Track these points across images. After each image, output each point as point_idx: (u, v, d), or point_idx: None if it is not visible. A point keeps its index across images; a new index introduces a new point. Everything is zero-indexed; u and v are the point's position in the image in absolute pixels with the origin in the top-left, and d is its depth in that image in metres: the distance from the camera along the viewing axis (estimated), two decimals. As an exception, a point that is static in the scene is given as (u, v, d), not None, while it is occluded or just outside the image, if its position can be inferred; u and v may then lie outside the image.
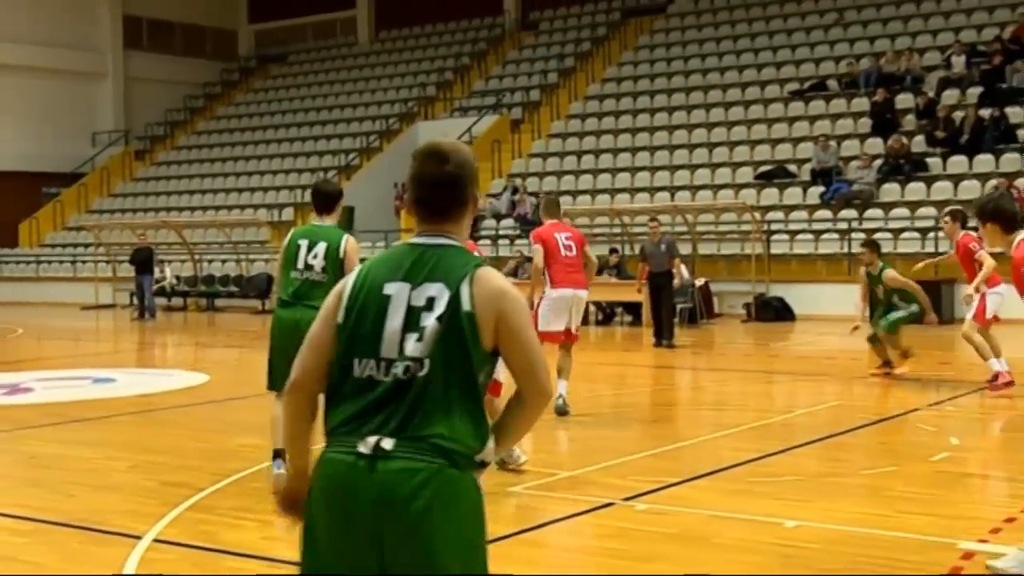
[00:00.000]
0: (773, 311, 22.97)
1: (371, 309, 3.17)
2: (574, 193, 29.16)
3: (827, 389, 13.06)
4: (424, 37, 41.50)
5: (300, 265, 7.64)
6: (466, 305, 3.11)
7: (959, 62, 27.43)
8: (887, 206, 24.75)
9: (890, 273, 13.56)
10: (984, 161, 24.61)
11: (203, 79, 44.43)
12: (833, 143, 26.64)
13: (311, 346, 3.26)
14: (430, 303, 3.13)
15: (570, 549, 6.56)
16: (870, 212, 24.72)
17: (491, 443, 3.17)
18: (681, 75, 32.44)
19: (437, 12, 41.25)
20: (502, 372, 4.66)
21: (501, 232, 28.50)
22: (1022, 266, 5.96)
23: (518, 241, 26.45)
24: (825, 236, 24.42)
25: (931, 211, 23.50)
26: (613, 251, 24.70)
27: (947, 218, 12.89)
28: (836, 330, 16.90)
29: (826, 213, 25.05)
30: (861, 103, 27.89)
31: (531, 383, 3.22)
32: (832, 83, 29.38)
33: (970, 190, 23.99)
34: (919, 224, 23.68)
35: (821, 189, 25.70)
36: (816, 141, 26.61)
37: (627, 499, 7.47)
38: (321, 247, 7.61)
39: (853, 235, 24.02)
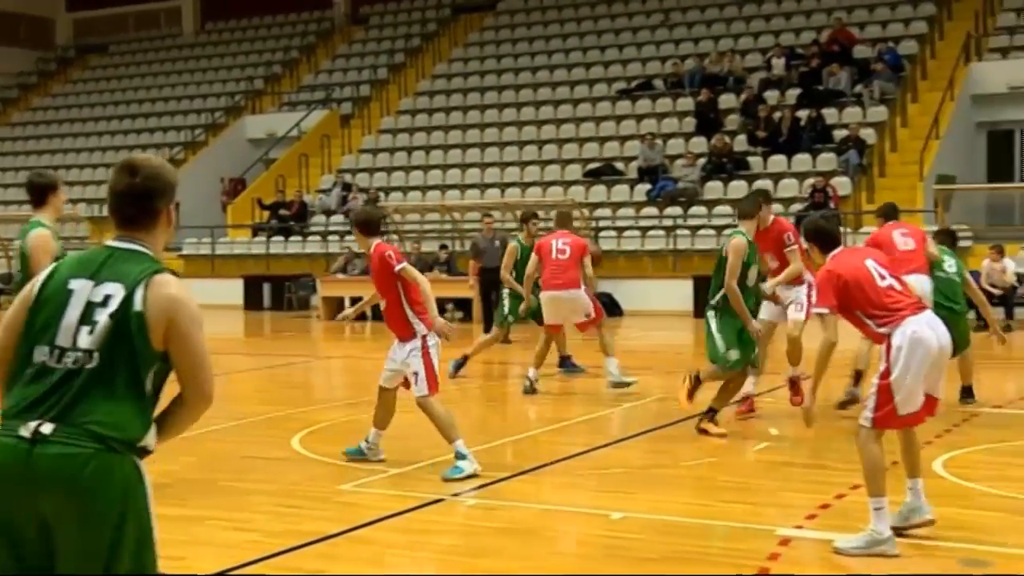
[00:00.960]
0: (602, 307, 23.27)
1: (53, 300, 3.43)
2: (404, 189, 29.13)
3: (654, 383, 13.35)
4: (252, 29, 40.83)
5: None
6: (138, 306, 3.37)
7: (779, 64, 28.37)
8: (711, 203, 25.44)
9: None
10: (802, 160, 25.52)
11: (17, 68, 42.80)
12: (659, 142, 27.23)
13: (4, 326, 3.51)
14: (106, 300, 3.39)
15: (400, 546, 6.57)
16: (694, 209, 25.37)
17: (153, 431, 3.42)
18: (511, 72, 32.69)
19: (265, 4, 40.64)
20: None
21: (331, 228, 28.27)
22: (819, 285, 6.39)
23: (347, 237, 26.28)
24: (651, 233, 24.97)
25: (752, 209, 24.26)
26: (443, 247, 24.75)
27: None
28: (663, 325, 17.29)
29: (652, 210, 25.60)
30: (686, 103, 28.58)
31: (193, 387, 3.47)
32: (658, 83, 30.03)
33: (790, 188, 24.90)
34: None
35: (648, 187, 26.25)
36: (643, 139, 27.16)
37: (456, 495, 7.52)
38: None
39: (678, 232, 24.66)
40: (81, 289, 3.41)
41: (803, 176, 24.97)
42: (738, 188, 25.42)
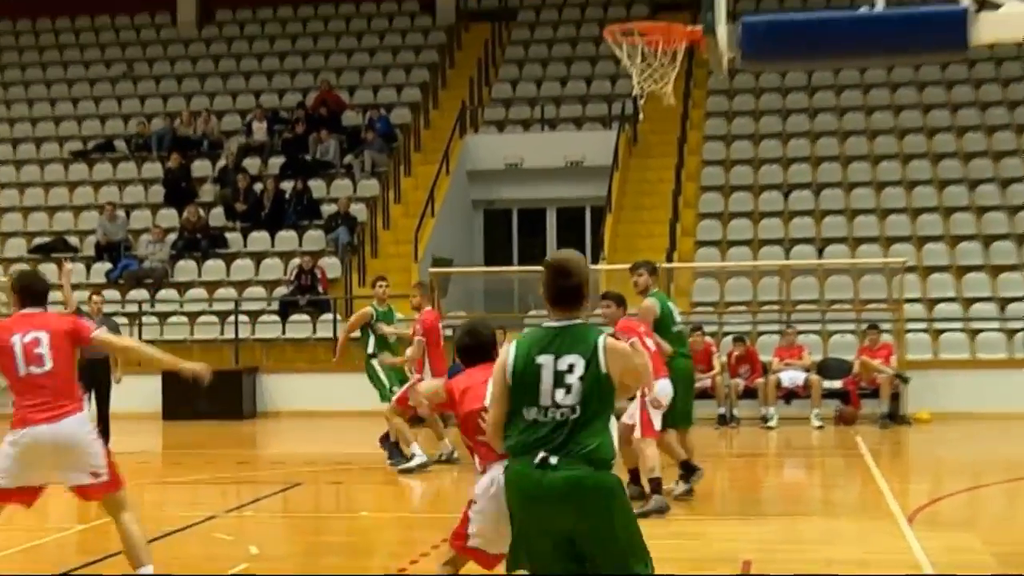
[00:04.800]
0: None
1: (529, 374, 5.40)
2: None
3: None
4: None
5: None
6: (603, 367, 5.38)
7: (260, 128, 28.68)
8: (182, 286, 25.16)
9: None
10: (287, 238, 25.86)
11: None
12: (121, 213, 26.66)
13: (494, 399, 5.62)
14: (571, 368, 5.36)
15: None
16: (164, 293, 24.99)
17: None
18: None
19: None
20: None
21: None
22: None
23: None
24: (116, 319, 24.19)
25: (231, 292, 24.26)
26: None
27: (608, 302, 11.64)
28: (125, 429, 16.77)
29: (114, 293, 24.87)
30: (153, 168, 28.22)
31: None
32: (120, 144, 29.45)
33: (273, 269, 25.14)
34: (218, 307, 24.28)
35: (108, 266, 25.52)
36: (102, 210, 26.47)
37: None
38: None
39: (144, 319, 24.12)
40: (547, 363, 5.38)
41: (288, 256, 25.29)
42: (214, 268, 25.35)
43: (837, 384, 20.05)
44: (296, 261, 24.61)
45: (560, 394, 5.31)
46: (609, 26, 11.83)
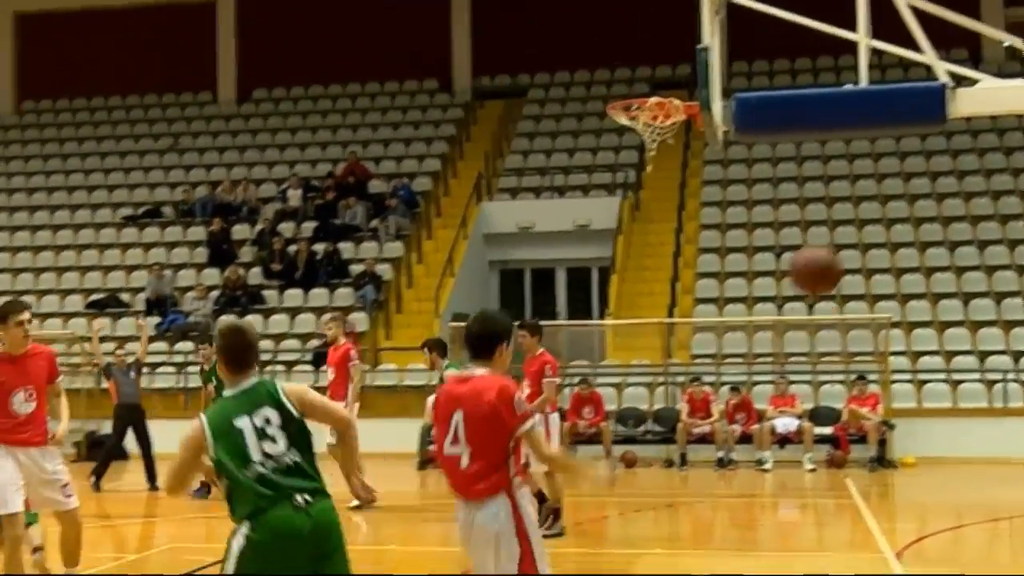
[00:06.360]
0: (106, 450, 22.27)
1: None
2: None
3: (160, 531, 12.88)
4: None
5: None
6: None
7: (295, 195, 28.84)
8: (224, 339, 25.12)
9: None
10: (319, 295, 25.95)
11: None
12: (168, 272, 26.79)
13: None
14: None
15: None
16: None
17: None
18: (2, 193, 31.12)
19: None
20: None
21: None
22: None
23: None
24: (161, 369, 24.28)
25: (269, 344, 24.28)
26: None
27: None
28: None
29: (162, 345, 24.96)
30: (197, 232, 28.36)
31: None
32: (167, 210, 29.64)
33: (306, 323, 25.20)
34: (255, 358, 24.25)
35: (157, 319, 25.64)
36: (151, 270, 26.61)
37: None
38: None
39: (189, 368, 24.17)
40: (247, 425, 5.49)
41: (320, 311, 25.33)
42: (253, 323, 25.36)
43: (828, 430, 19.94)
44: (327, 316, 24.56)
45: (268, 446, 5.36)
46: (612, 103, 11.94)
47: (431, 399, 12.89)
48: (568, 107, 31.99)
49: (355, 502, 12.57)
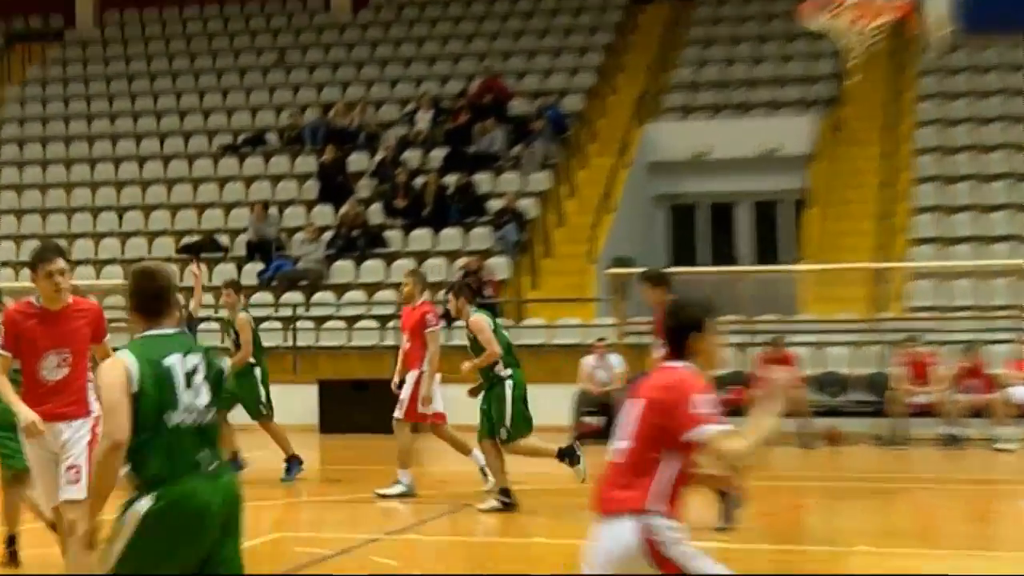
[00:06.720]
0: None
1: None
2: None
3: (264, 516, 12.76)
4: None
5: None
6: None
7: (422, 118, 28.68)
8: (339, 288, 25.20)
9: None
10: (451, 236, 25.74)
11: None
12: (273, 210, 26.89)
13: None
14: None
15: None
16: (319, 296, 25.07)
17: None
18: (82, 119, 31.65)
19: None
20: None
21: None
22: None
23: None
24: (265, 325, 24.27)
25: (392, 295, 24.12)
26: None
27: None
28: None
29: (266, 296, 25.05)
30: (307, 162, 28.42)
31: None
32: (272, 137, 29.78)
33: (437, 270, 24.89)
34: (378, 311, 24.23)
35: (260, 267, 25.76)
36: (252, 208, 26.73)
37: None
38: None
39: (299, 323, 24.20)
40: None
41: (453, 255, 25.17)
42: (373, 269, 25.33)
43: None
44: (461, 261, 24.50)
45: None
46: (805, 1, 11.62)
47: (586, 360, 12.87)
48: (750, 7, 31.37)
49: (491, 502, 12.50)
